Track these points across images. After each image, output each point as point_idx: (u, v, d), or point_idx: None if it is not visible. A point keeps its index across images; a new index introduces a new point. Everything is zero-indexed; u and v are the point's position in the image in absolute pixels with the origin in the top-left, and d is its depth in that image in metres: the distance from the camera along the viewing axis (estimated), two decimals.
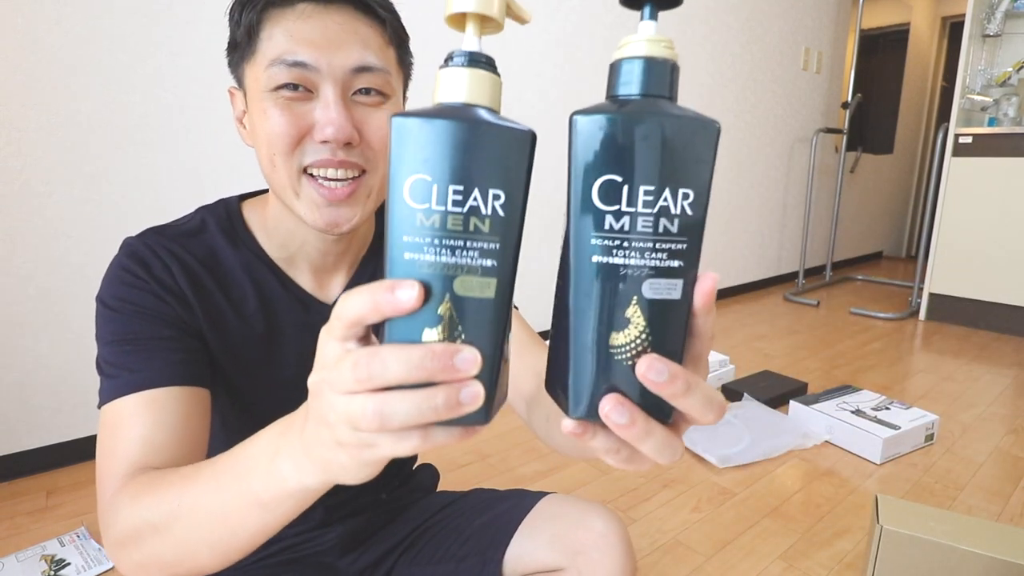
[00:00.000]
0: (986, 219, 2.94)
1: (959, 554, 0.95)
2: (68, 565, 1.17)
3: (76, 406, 1.54)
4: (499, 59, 1.86)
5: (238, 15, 0.53)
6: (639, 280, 0.27)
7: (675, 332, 0.28)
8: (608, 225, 0.27)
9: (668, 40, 0.28)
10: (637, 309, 0.27)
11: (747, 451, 1.64)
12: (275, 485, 0.35)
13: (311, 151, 0.53)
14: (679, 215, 0.27)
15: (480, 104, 0.28)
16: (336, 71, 0.52)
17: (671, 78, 0.28)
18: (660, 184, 0.27)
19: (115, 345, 0.53)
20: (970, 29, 2.93)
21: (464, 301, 0.27)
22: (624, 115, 0.26)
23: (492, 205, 0.27)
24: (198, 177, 1.63)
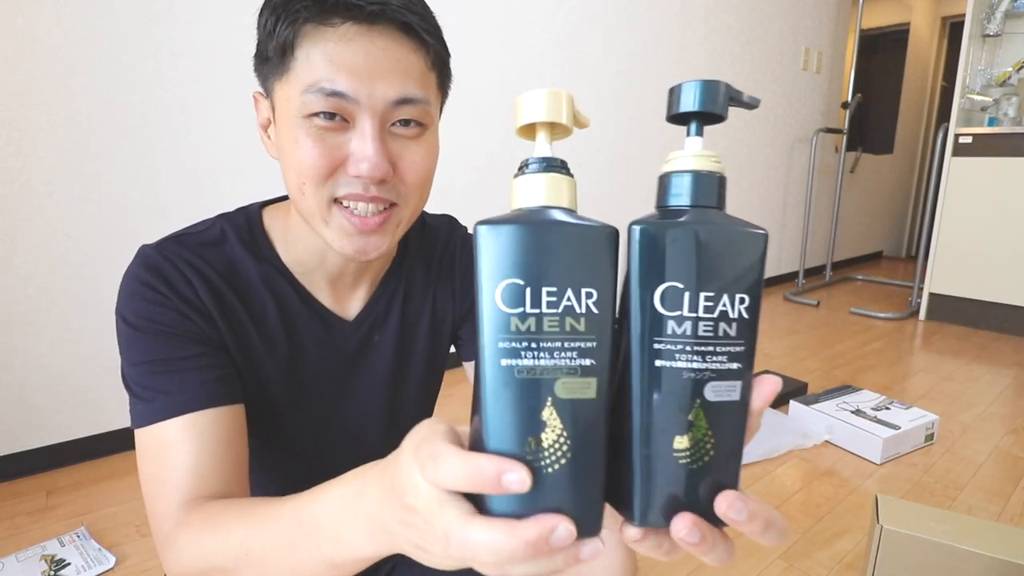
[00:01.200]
0: (986, 219, 2.94)
1: (959, 554, 0.95)
2: (68, 565, 1.17)
3: (76, 406, 1.54)
4: (500, 59, 1.87)
5: (271, 26, 0.48)
6: (702, 383, 0.28)
7: (736, 433, 0.29)
8: (670, 330, 0.28)
9: (716, 155, 0.30)
10: (700, 412, 0.28)
11: (747, 451, 1.64)
12: (347, 552, 0.35)
13: (344, 183, 0.50)
14: (736, 319, 0.28)
15: (560, 206, 0.29)
16: (376, 103, 0.48)
17: (719, 190, 0.29)
18: (718, 290, 0.28)
19: (144, 366, 0.52)
20: (970, 29, 2.93)
21: (567, 404, 0.27)
22: (680, 225, 0.28)
23: (585, 303, 0.27)
24: (198, 177, 1.63)
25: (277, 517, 0.40)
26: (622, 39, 2.65)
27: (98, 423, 1.57)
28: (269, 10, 0.49)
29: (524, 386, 0.26)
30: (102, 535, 1.27)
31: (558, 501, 0.27)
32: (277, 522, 0.40)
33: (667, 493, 0.28)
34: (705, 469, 0.28)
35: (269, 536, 0.40)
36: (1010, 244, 2.88)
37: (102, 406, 1.57)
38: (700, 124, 0.30)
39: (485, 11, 2.16)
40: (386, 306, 0.66)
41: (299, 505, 0.38)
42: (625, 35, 2.66)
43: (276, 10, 0.48)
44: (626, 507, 0.29)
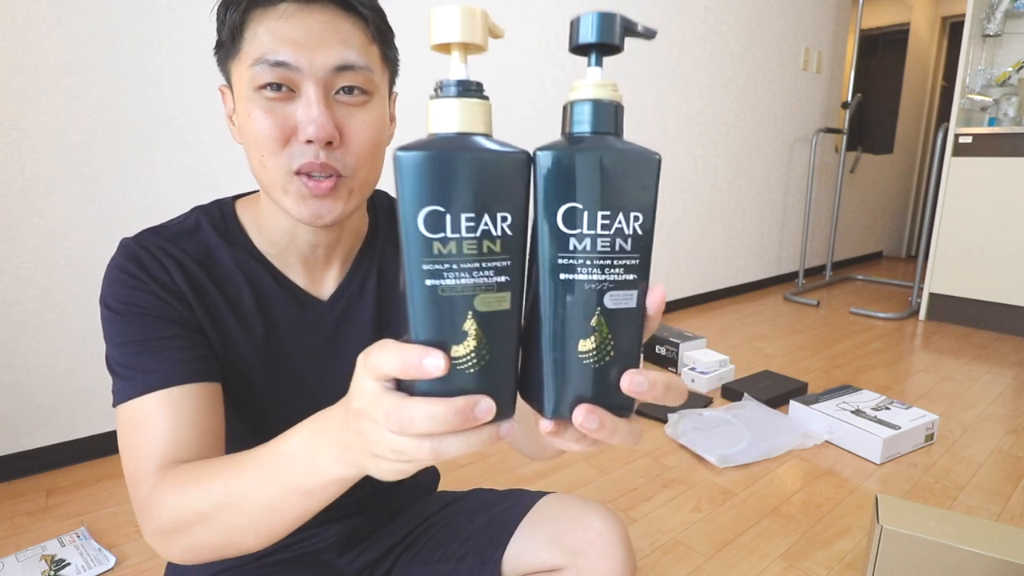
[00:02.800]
0: (986, 219, 2.94)
1: (959, 554, 0.95)
2: (68, 565, 1.17)
3: (76, 406, 1.54)
4: (499, 59, 1.87)
5: (223, 14, 0.53)
6: (601, 293, 0.31)
7: (634, 336, 0.33)
8: (572, 246, 0.31)
9: (613, 83, 0.32)
10: (601, 319, 0.31)
11: (747, 451, 1.64)
12: (317, 476, 0.39)
13: (299, 153, 0.53)
14: (631, 235, 0.31)
15: (476, 132, 0.30)
16: (317, 70, 0.52)
17: (616, 117, 0.32)
18: (614, 209, 0.31)
19: (124, 347, 0.55)
20: (970, 29, 2.93)
21: (485, 316, 0.30)
22: (579, 150, 0.30)
23: (501, 227, 0.30)
24: (198, 177, 1.63)
25: (254, 458, 0.44)
26: None
27: (98, 423, 1.57)
28: (222, 3, 0.54)
29: (447, 303, 0.30)
30: (102, 535, 1.27)
31: (480, 390, 0.31)
32: (255, 462, 0.44)
33: (574, 390, 0.32)
34: (607, 367, 0.32)
35: (247, 475, 0.44)
36: (1010, 244, 2.88)
37: (103, 406, 1.57)
38: (599, 55, 0.32)
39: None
40: (360, 284, 0.68)
41: (273, 444, 0.43)
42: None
43: (227, 1, 0.53)
44: (539, 403, 0.33)
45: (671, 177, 3.05)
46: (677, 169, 3.07)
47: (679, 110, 3.00)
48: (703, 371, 2.15)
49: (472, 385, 0.31)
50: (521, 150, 0.30)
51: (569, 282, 0.31)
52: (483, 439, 0.32)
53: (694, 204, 3.22)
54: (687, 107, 3.04)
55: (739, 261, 3.64)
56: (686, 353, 2.28)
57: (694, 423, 1.78)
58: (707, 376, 2.12)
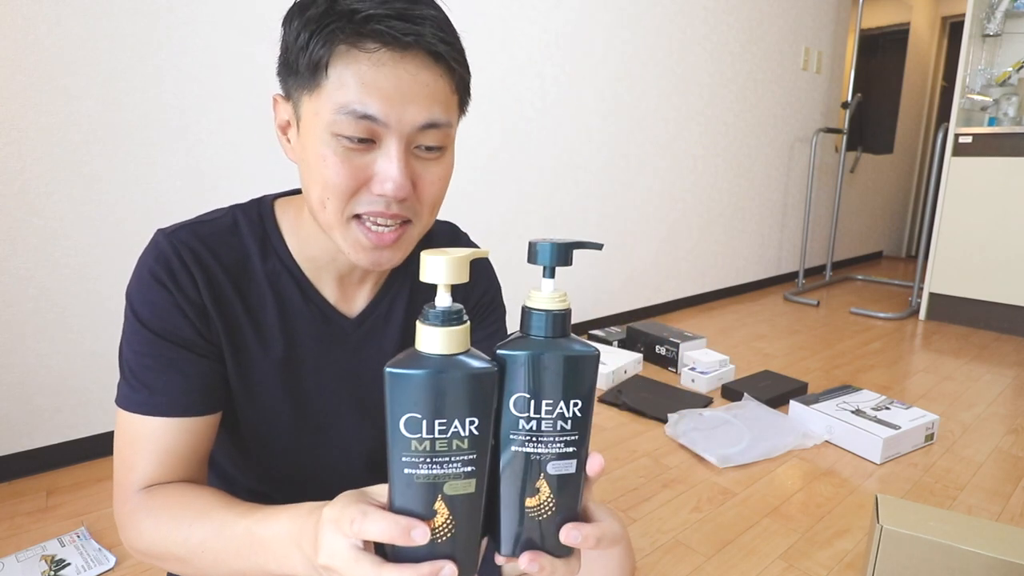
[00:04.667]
0: (986, 219, 2.94)
1: (959, 554, 0.95)
2: (68, 565, 1.17)
3: (76, 406, 1.54)
4: (500, 58, 1.86)
5: (304, 41, 0.49)
6: (545, 461, 0.38)
7: (572, 494, 0.40)
8: (521, 426, 0.38)
9: (563, 294, 0.39)
10: (544, 482, 0.39)
11: (747, 451, 1.64)
12: (288, 571, 0.44)
13: (365, 202, 0.52)
14: (571, 417, 0.38)
15: (455, 352, 0.36)
16: (404, 127, 0.50)
17: (564, 323, 0.38)
18: (556, 397, 0.38)
19: (139, 357, 0.56)
20: (970, 29, 2.93)
21: (452, 498, 0.37)
22: (528, 352, 0.37)
23: (468, 429, 0.36)
24: (198, 177, 1.63)
25: (232, 529, 0.48)
26: (622, 39, 2.65)
27: (98, 423, 1.57)
28: (302, 23, 0.49)
29: (421, 487, 0.36)
30: (102, 535, 1.27)
31: (446, 555, 0.37)
32: (232, 534, 0.48)
33: (521, 536, 0.40)
34: (549, 520, 0.39)
35: (224, 542, 0.48)
36: (1010, 244, 2.88)
37: (103, 406, 1.57)
38: (552, 270, 0.38)
39: (485, 11, 2.16)
40: (389, 304, 0.68)
41: (253, 525, 0.47)
42: (625, 35, 2.66)
43: (309, 25, 0.48)
44: (496, 542, 0.40)
45: (671, 177, 3.05)
46: (677, 169, 3.07)
47: (679, 110, 3.00)
48: (703, 371, 2.15)
49: (439, 552, 0.37)
50: (491, 367, 0.36)
51: (519, 453, 0.38)
52: None
53: (694, 204, 3.22)
54: (687, 107, 3.04)
55: (739, 261, 3.64)
56: (686, 353, 2.28)
57: (694, 423, 1.78)
58: (707, 376, 2.12)
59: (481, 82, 2.19)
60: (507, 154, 2.34)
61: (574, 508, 0.40)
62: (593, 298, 2.81)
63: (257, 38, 1.66)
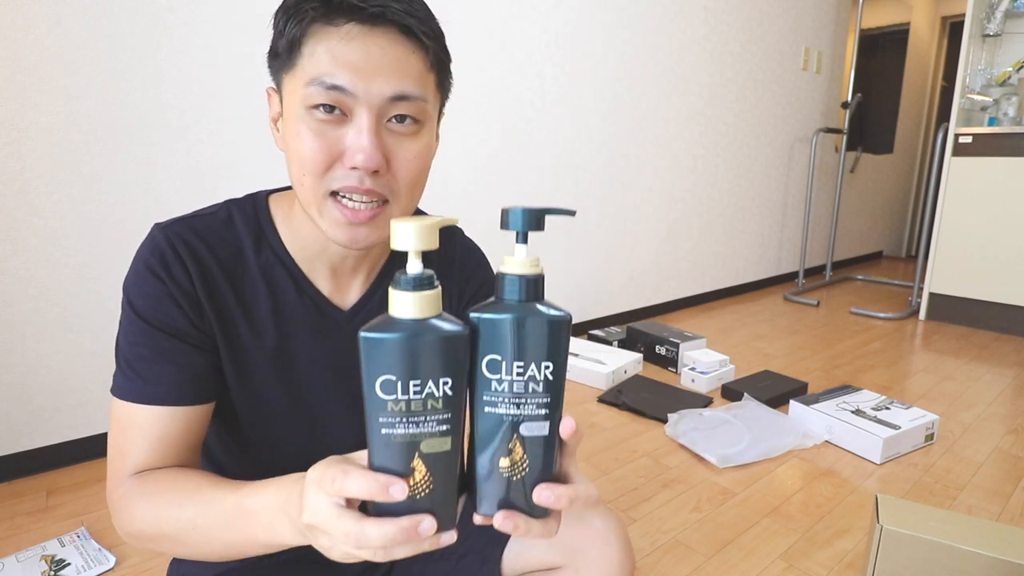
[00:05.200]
0: (986, 219, 2.94)
1: (959, 554, 0.95)
2: (68, 565, 1.17)
3: (76, 406, 1.54)
4: (500, 58, 1.86)
5: (283, 25, 0.52)
6: (518, 423, 0.39)
7: (547, 456, 0.40)
8: (494, 387, 0.39)
9: (536, 259, 0.39)
10: (517, 442, 0.40)
11: (747, 451, 1.64)
12: (276, 540, 0.46)
13: (340, 176, 0.53)
14: (543, 379, 0.39)
15: (427, 316, 0.38)
16: (373, 98, 0.51)
17: (537, 287, 0.39)
18: (528, 359, 0.38)
19: (134, 347, 0.57)
20: (970, 29, 2.93)
21: (429, 456, 0.38)
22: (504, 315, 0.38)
23: (442, 389, 0.38)
24: (198, 177, 1.63)
25: (222, 503, 0.49)
26: (622, 39, 2.65)
27: (99, 423, 1.57)
28: (282, 11, 0.53)
29: (398, 446, 0.38)
30: (102, 535, 1.27)
31: (424, 510, 0.39)
32: (221, 507, 0.49)
33: (497, 495, 0.41)
34: (523, 480, 0.40)
35: (214, 517, 0.50)
36: (1010, 244, 2.88)
37: (102, 406, 1.57)
38: (525, 235, 0.39)
39: (485, 11, 2.16)
40: (383, 297, 0.68)
41: (241, 498, 0.48)
42: (625, 35, 2.66)
43: (288, 10, 0.52)
44: (473, 502, 0.41)
45: (671, 177, 3.05)
46: (677, 169, 3.07)
47: (679, 110, 3.00)
48: (703, 371, 2.15)
49: (418, 507, 0.39)
50: (462, 329, 0.37)
51: (492, 414, 0.39)
52: (426, 547, 0.40)
53: (694, 204, 3.22)
54: (687, 107, 3.04)
55: (739, 261, 3.64)
56: (686, 353, 2.28)
57: (694, 423, 1.78)
58: (707, 376, 2.12)
59: (481, 82, 2.19)
60: (507, 154, 2.34)
61: (549, 470, 0.41)
62: (593, 298, 2.81)
63: (257, 38, 1.66)
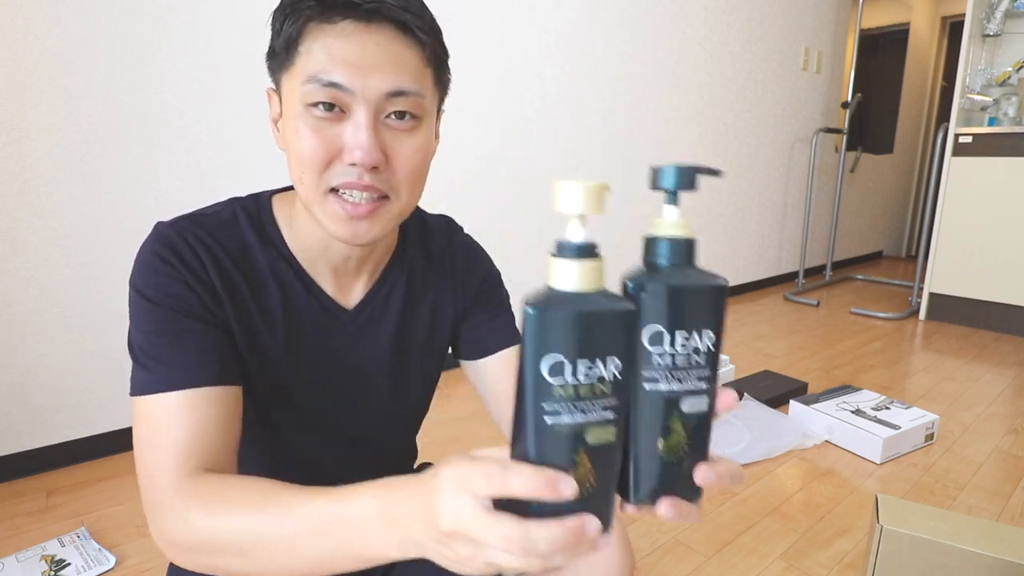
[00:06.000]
0: (986, 219, 2.94)
1: (959, 554, 0.95)
2: (68, 565, 1.17)
3: (76, 406, 1.54)
4: (499, 59, 1.85)
5: (279, 24, 0.53)
6: (678, 400, 0.36)
7: (704, 434, 0.37)
8: (656, 362, 0.35)
9: (686, 222, 0.36)
10: (678, 421, 0.36)
11: (747, 451, 1.64)
12: (376, 553, 0.39)
13: (339, 173, 0.53)
14: (705, 351, 0.36)
15: (592, 289, 0.34)
16: (370, 94, 0.51)
17: (691, 250, 0.36)
18: (690, 329, 0.35)
19: (151, 336, 0.53)
20: (970, 29, 2.93)
21: (594, 448, 0.34)
22: (664, 282, 0.35)
23: (611, 372, 0.34)
24: (198, 177, 1.63)
25: (306, 510, 0.42)
26: (622, 39, 2.65)
27: (98, 423, 1.57)
28: (279, 10, 0.53)
29: (563, 437, 0.33)
30: (102, 535, 1.27)
31: (585, 509, 0.34)
32: (306, 515, 0.42)
33: (654, 481, 0.37)
34: (680, 461, 0.37)
35: (295, 526, 0.42)
36: (1010, 244, 2.88)
37: (102, 406, 1.57)
38: (675, 195, 0.36)
39: (485, 10, 2.16)
40: (385, 296, 0.68)
41: (330, 504, 0.41)
42: (625, 35, 2.66)
43: (284, 9, 0.53)
44: (624, 491, 0.37)
45: None
46: None
47: (679, 110, 3.00)
48: None
49: (579, 506, 0.34)
50: (628, 305, 0.34)
51: (653, 391, 0.36)
52: (583, 552, 0.34)
53: (694, 204, 3.22)
54: (687, 107, 3.04)
55: (739, 261, 3.64)
56: None
57: None
58: None
59: (481, 82, 2.19)
60: (507, 154, 2.34)
61: (705, 449, 0.37)
62: None
63: (257, 38, 1.66)
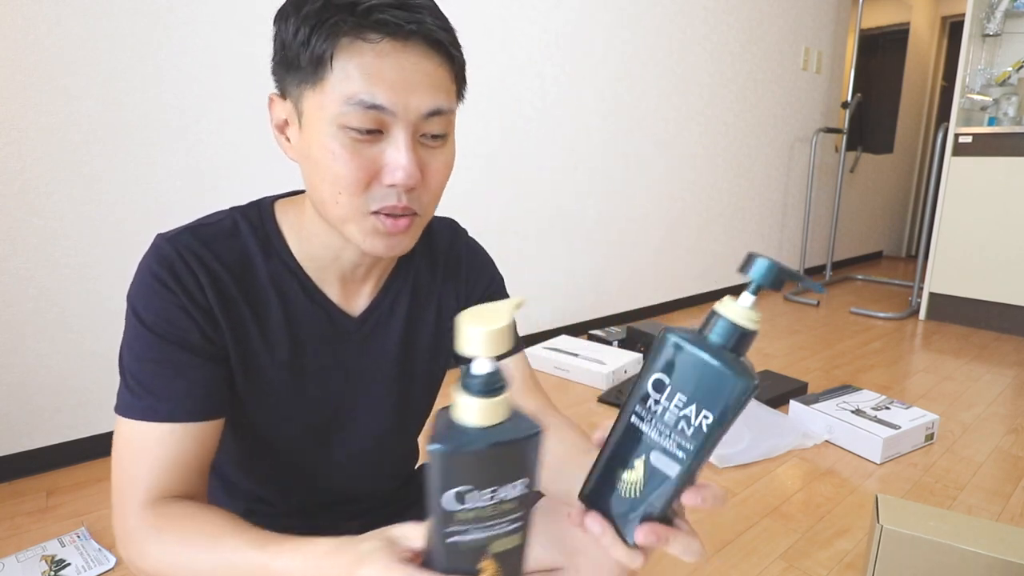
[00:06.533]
0: (986, 219, 2.94)
1: (959, 554, 0.95)
2: (68, 565, 1.17)
3: (76, 406, 1.54)
4: (499, 59, 1.86)
5: (305, 36, 0.49)
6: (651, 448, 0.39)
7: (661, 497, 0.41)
8: (650, 405, 0.39)
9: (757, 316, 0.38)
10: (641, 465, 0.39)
11: (747, 451, 1.64)
12: None
13: (380, 196, 0.53)
14: (695, 426, 0.37)
15: (498, 422, 0.35)
16: (411, 115, 0.51)
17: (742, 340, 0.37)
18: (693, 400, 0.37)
19: (143, 363, 0.54)
20: (970, 29, 2.93)
21: (500, 554, 0.37)
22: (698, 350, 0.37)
23: (517, 490, 0.35)
24: (198, 177, 1.63)
25: (246, 559, 0.46)
26: (622, 39, 2.65)
27: (98, 423, 1.57)
28: (299, 19, 0.49)
29: (467, 552, 0.36)
30: (102, 535, 1.27)
31: None
32: (246, 564, 0.46)
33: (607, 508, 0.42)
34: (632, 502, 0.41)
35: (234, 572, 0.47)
36: (1010, 244, 2.88)
37: (102, 406, 1.57)
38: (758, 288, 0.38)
39: (485, 10, 2.16)
40: (391, 303, 0.68)
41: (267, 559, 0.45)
42: (625, 35, 2.66)
43: (309, 20, 0.49)
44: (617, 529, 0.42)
45: (671, 177, 3.05)
46: (677, 169, 3.07)
47: (679, 110, 3.00)
48: None
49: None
50: (534, 428, 0.35)
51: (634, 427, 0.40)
52: None
53: (694, 204, 3.22)
54: (687, 107, 3.04)
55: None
56: None
57: None
58: None
59: (481, 82, 2.19)
60: (507, 154, 2.34)
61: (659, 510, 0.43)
62: (593, 298, 2.81)
63: (257, 38, 1.66)
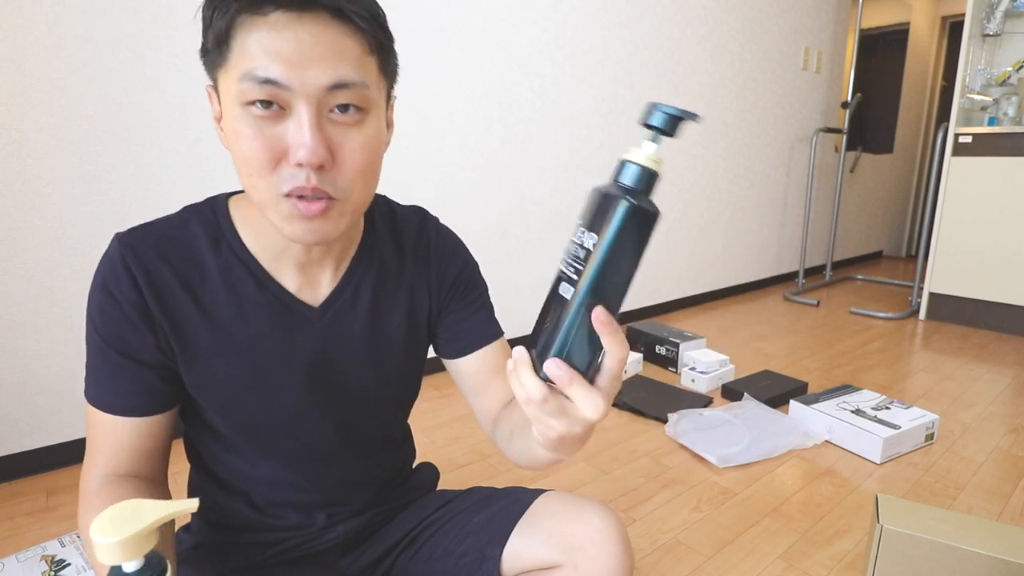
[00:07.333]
0: (986, 219, 2.94)
1: (959, 554, 0.95)
2: (68, 566, 1.17)
3: (77, 406, 1.54)
4: (499, 59, 1.86)
5: (208, 17, 0.49)
6: (559, 280, 0.42)
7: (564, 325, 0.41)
8: (568, 246, 0.42)
9: (660, 158, 0.41)
10: (553, 299, 0.42)
11: (747, 451, 1.64)
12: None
13: (289, 176, 0.51)
14: (587, 249, 0.40)
15: None
16: (310, 89, 0.49)
17: (641, 178, 0.41)
18: (587, 228, 0.41)
19: (96, 361, 0.60)
20: (970, 29, 2.93)
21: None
22: (599, 186, 0.41)
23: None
24: (198, 177, 1.63)
25: None
26: (622, 39, 2.65)
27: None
28: (208, 2, 0.50)
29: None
30: None
31: None
32: None
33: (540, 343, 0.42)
34: (549, 336, 0.41)
35: None
36: (1010, 244, 2.88)
37: None
38: (657, 136, 0.40)
39: (485, 10, 2.16)
40: (355, 290, 0.66)
41: None
42: (625, 35, 2.66)
43: (213, 2, 0.49)
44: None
45: (671, 177, 3.05)
46: (677, 169, 3.07)
47: None
48: (703, 371, 2.15)
49: None
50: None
51: (559, 270, 0.43)
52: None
53: (694, 204, 3.22)
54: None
55: (739, 261, 3.64)
56: (686, 353, 2.28)
57: (694, 423, 1.78)
58: (707, 376, 2.12)
59: (481, 82, 2.19)
60: (507, 154, 2.34)
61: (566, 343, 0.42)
62: None
63: None
